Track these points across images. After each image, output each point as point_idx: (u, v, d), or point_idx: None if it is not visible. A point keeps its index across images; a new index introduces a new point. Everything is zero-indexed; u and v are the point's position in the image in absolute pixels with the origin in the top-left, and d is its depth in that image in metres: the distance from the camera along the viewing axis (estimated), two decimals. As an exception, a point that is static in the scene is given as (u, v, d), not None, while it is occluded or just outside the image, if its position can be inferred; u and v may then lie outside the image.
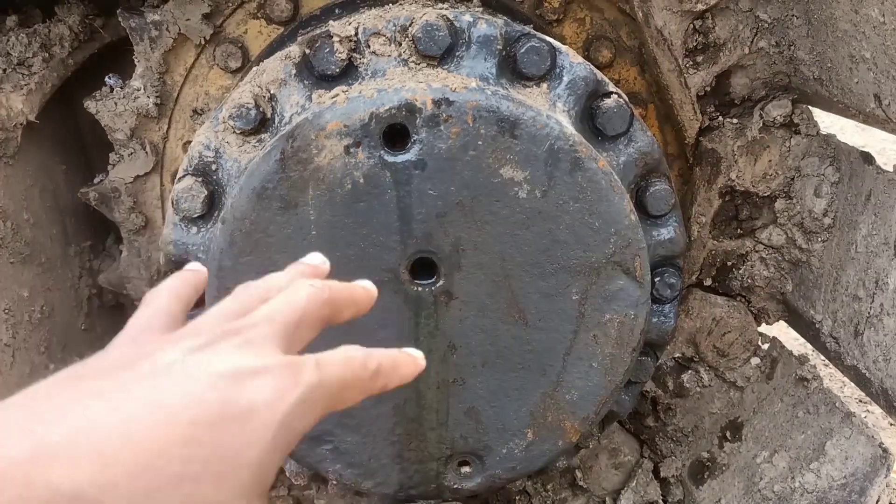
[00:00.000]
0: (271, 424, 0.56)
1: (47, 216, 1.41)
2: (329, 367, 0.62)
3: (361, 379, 0.66)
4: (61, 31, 1.36)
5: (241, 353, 0.58)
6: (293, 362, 0.60)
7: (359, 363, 0.65)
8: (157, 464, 0.50)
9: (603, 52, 1.32)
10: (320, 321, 0.69)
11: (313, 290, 0.68)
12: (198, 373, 0.56)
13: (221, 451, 0.53)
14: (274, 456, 0.57)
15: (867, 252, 1.25)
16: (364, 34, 1.04)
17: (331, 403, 0.63)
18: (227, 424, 0.54)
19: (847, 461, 1.30)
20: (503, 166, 1.02)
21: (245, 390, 0.55)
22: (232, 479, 0.54)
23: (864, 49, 1.08)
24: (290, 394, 0.57)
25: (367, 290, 0.77)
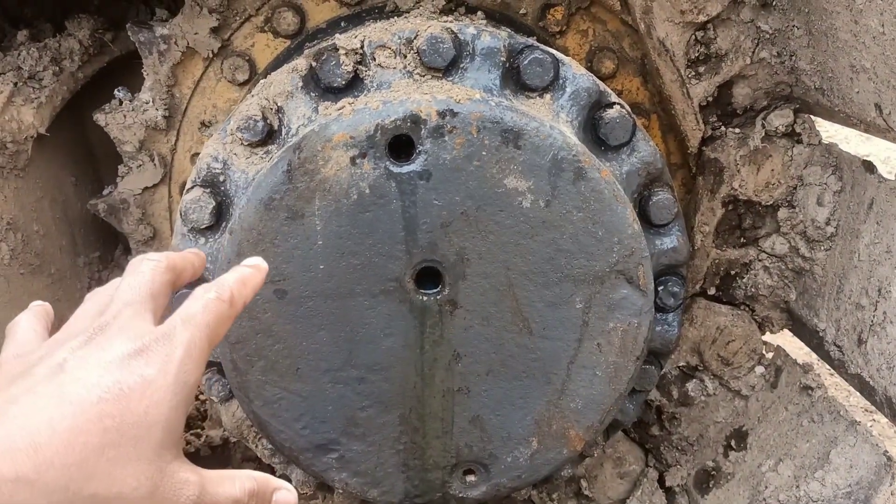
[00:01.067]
0: (167, 386, 0.67)
1: (57, 227, 1.43)
2: (194, 319, 0.73)
3: (223, 312, 0.77)
4: (71, 45, 1.38)
5: (119, 340, 0.68)
6: (165, 331, 0.71)
7: (214, 301, 0.76)
8: (79, 440, 0.61)
9: (606, 64, 1.34)
10: (169, 285, 0.80)
11: (152, 262, 0.80)
12: (89, 364, 0.66)
13: (131, 418, 0.65)
14: (178, 410, 0.69)
15: (870, 260, 1.25)
16: (370, 47, 1.06)
17: (209, 344, 0.74)
18: (128, 397, 0.65)
19: (852, 470, 1.30)
20: (507, 176, 1.03)
21: (134, 369, 0.66)
22: (146, 437, 0.66)
23: (864, 59, 1.09)
24: (172, 357, 0.69)
25: (196, 254, 0.89)
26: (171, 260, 0.82)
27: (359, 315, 1.07)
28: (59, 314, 1.41)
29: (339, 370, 1.10)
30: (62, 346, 0.69)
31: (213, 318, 0.75)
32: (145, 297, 0.75)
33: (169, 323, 0.72)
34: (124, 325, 0.70)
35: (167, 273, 0.80)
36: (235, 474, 0.77)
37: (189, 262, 0.86)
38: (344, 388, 1.11)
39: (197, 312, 0.74)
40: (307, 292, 1.06)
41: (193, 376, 0.71)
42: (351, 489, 1.18)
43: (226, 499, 0.74)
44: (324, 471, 1.16)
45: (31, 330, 0.79)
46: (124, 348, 0.68)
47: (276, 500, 0.80)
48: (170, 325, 0.72)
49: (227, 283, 0.80)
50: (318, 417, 1.12)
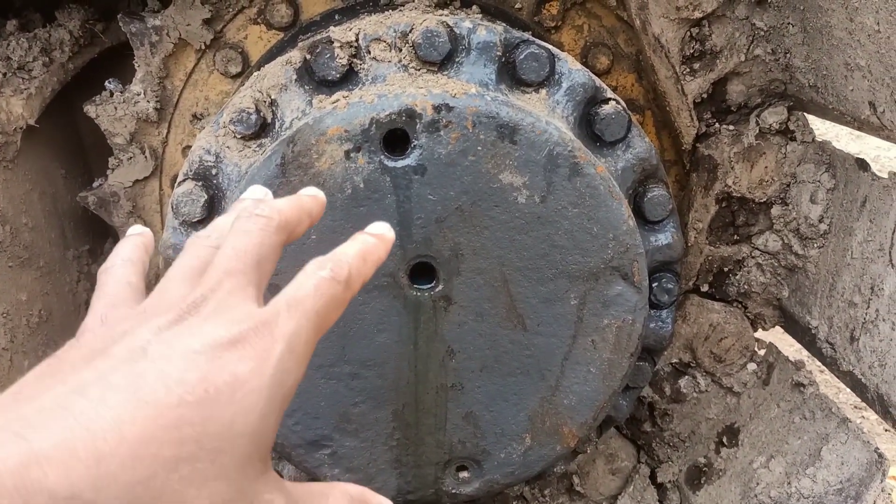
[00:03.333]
0: (261, 389, 0.56)
1: (46, 220, 1.42)
2: (302, 306, 0.61)
3: (337, 295, 0.64)
4: (61, 36, 1.36)
5: (213, 324, 0.57)
6: (266, 319, 0.59)
7: (329, 282, 0.64)
8: (149, 451, 0.50)
9: (601, 59, 1.33)
10: (279, 247, 0.68)
11: (263, 219, 0.67)
12: (173, 353, 0.54)
13: (213, 427, 0.53)
14: (270, 419, 0.57)
15: (863, 258, 1.26)
16: (365, 40, 1.05)
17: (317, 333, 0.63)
18: (213, 400, 0.53)
19: (843, 466, 1.30)
20: (502, 172, 1.02)
21: (225, 363, 0.55)
22: (229, 451, 0.54)
23: (859, 57, 1.09)
24: (271, 354, 0.57)
25: (314, 198, 0.75)
26: (285, 215, 0.69)
27: (352, 310, 1.07)
28: (48, 308, 1.41)
29: (331, 366, 1.09)
30: (148, 323, 0.58)
31: (324, 302, 0.63)
32: (250, 266, 0.63)
33: (272, 307, 0.61)
34: (221, 303, 0.59)
35: (279, 233, 0.67)
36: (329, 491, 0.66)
37: (306, 212, 0.72)
38: (337, 383, 1.10)
39: (307, 296, 0.62)
40: (300, 287, 1.05)
41: (293, 376, 0.59)
42: (343, 485, 1.18)
43: None
44: (316, 467, 1.15)
45: (124, 283, 0.68)
46: (217, 335, 0.56)
47: None
48: (273, 309, 0.60)
49: (346, 259, 0.67)
50: (310, 413, 1.12)
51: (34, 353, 1.37)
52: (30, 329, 1.35)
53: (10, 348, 1.31)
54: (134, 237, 0.75)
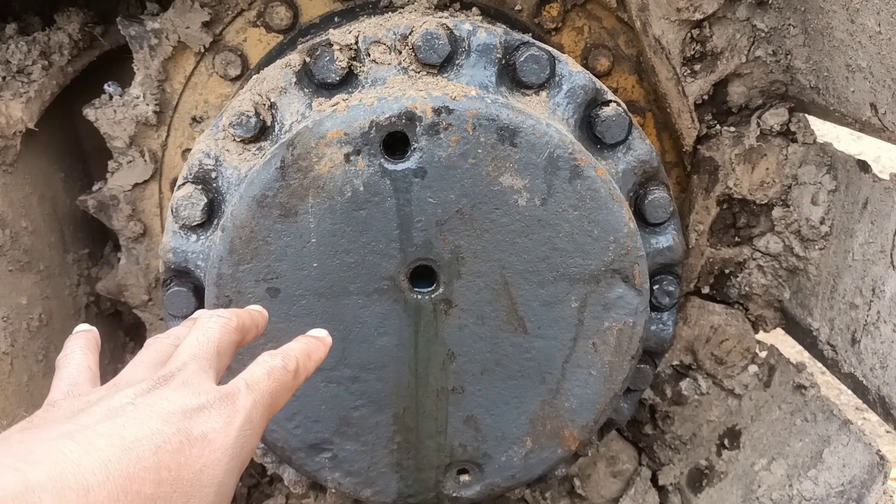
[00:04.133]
0: (226, 447, 0.65)
1: (46, 224, 1.41)
2: (258, 386, 0.72)
3: (287, 382, 0.76)
4: (61, 39, 1.36)
5: (182, 394, 0.67)
6: (228, 393, 0.69)
7: (279, 370, 0.76)
8: (132, 488, 0.58)
9: (601, 61, 1.33)
10: (235, 345, 0.79)
11: (222, 320, 0.79)
12: (150, 411, 0.64)
13: (186, 473, 0.62)
14: (232, 475, 0.66)
15: (864, 260, 1.25)
16: (364, 42, 1.04)
17: (269, 412, 0.73)
18: (187, 451, 0.62)
19: (844, 469, 1.30)
20: (503, 174, 1.02)
21: (196, 422, 0.65)
22: (198, 496, 0.63)
23: (860, 58, 1.09)
24: (234, 420, 0.67)
25: (260, 312, 0.89)
26: (241, 320, 0.81)
27: (353, 314, 1.06)
28: (49, 311, 1.40)
29: (332, 369, 1.09)
30: (121, 392, 0.66)
31: (276, 386, 0.74)
32: (211, 355, 0.74)
33: (233, 385, 0.71)
34: (188, 379, 0.69)
35: (235, 333, 0.79)
36: None
37: (254, 323, 0.85)
38: (337, 387, 1.10)
39: (261, 379, 0.73)
40: (300, 291, 1.05)
41: (251, 443, 0.69)
42: (344, 489, 1.17)
43: None
44: (317, 470, 1.15)
45: (84, 367, 0.76)
46: (187, 402, 0.66)
47: None
48: (234, 386, 0.71)
49: (294, 353, 0.79)
50: (310, 417, 1.11)
51: (34, 357, 1.36)
52: (30, 333, 1.35)
53: (11, 352, 1.30)
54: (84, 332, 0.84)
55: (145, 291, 1.43)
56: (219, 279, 1.04)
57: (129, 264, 1.42)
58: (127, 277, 1.42)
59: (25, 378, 1.34)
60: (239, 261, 1.03)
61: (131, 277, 1.42)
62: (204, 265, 1.06)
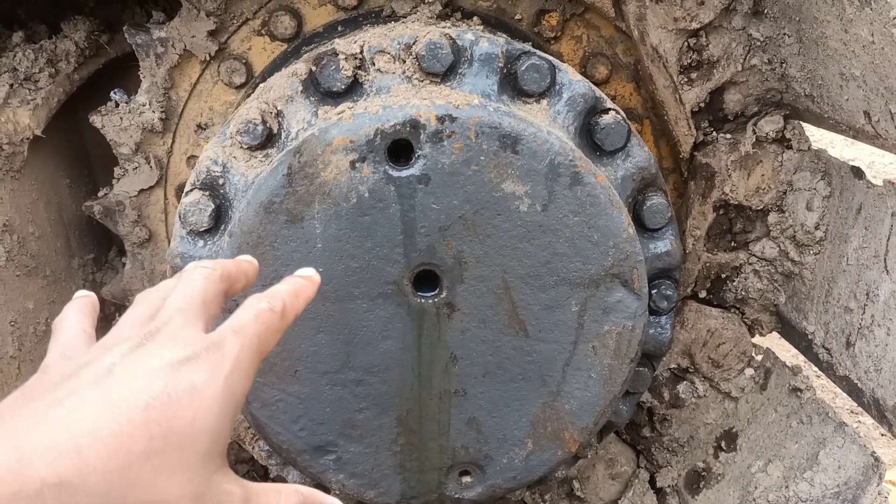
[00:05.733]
0: (215, 396, 0.66)
1: (52, 229, 1.43)
2: (245, 330, 0.72)
3: (274, 323, 0.76)
4: (67, 47, 1.38)
5: (169, 347, 0.67)
6: (214, 340, 0.70)
7: (266, 312, 0.76)
8: (124, 446, 0.59)
9: (600, 69, 1.35)
10: (222, 294, 0.79)
11: (206, 270, 0.79)
12: (137, 369, 0.65)
13: (177, 425, 0.63)
14: (225, 422, 0.67)
15: (858, 264, 1.27)
16: (369, 52, 1.07)
17: (258, 355, 0.74)
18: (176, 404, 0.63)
19: (840, 470, 1.32)
20: (505, 181, 1.04)
21: (184, 374, 0.65)
22: (192, 446, 0.64)
23: (853, 67, 1.12)
24: (221, 367, 0.68)
25: (250, 263, 0.88)
26: (225, 269, 0.81)
27: (357, 318, 1.08)
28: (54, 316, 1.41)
29: (337, 372, 1.11)
30: (110, 352, 0.67)
31: (263, 329, 0.75)
32: (197, 306, 0.74)
33: (219, 332, 0.72)
34: (174, 332, 0.70)
35: (220, 282, 0.79)
36: (281, 488, 0.75)
37: (242, 272, 0.85)
38: (342, 390, 1.12)
39: (248, 323, 0.74)
40: (306, 295, 1.06)
41: (242, 387, 0.70)
42: (348, 490, 1.19)
43: None
44: (321, 472, 1.17)
45: (78, 329, 0.77)
46: (173, 355, 0.66)
47: None
48: (220, 334, 0.71)
49: (280, 294, 0.80)
50: (315, 419, 1.13)
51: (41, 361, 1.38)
52: (37, 337, 1.37)
53: (18, 356, 1.32)
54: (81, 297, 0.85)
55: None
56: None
57: (133, 269, 1.43)
58: (132, 282, 1.44)
59: (32, 382, 1.35)
60: (246, 266, 1.05)
61: (136, 282, 1.44)
62: (211, 270, 1.08)
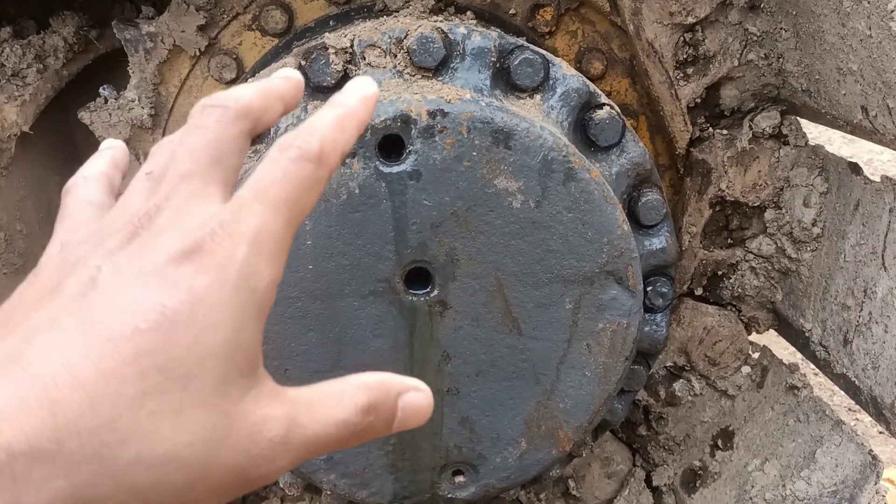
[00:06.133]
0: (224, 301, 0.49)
1: (41, 227, 1.41)
2: (267, 196, 0.52)
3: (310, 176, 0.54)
4: (56, 43, 1.36)
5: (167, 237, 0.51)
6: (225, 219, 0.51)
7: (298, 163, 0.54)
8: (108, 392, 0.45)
9: (595, 64, 1.34)
10: (242, 138, 0.58)
11: (217, 110, 0.57)
12: (123, 279, 0.49)
13: (176, 352, 0.47)
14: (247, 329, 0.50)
15: (855, 261, 1.26)
16: (359, 46, 1.05)
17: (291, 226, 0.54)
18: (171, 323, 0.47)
19: (837, 469, 1.31)
20: (497, 177, 1.03)
21: (180, 279, 0.48)
22: (200, 374, 0.48)
23: (851, 61, 1.10)
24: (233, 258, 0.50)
25: (287, 79, 0.64)
26: (243, 102, 0.58)
27: (348, 316, 1.07)
28: (43, 314, 1.40)
29: (327, 371, 1.09)
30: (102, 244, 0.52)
31: (294, 187, 0.53)
32: (206, 165, 0.55)
33: (233, 203, 0.52)
34: (178, 211, 0.52)
35: (237, 122, 0.57)
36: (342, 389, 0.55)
37: (275, 96, 0.61)
38: (333, 389, 1.10)
39: (272, 182, 0.53)
40: (296, 293, 1.05)
41: (266, 278, 0.51)
42: (339, 490, 1.18)
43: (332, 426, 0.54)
44: (312, 472, 1.15)
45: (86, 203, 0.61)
46: (170, 249, 0.49)
47: (405, 406, 0.57)
48: (234, 206, 0.52)
49: (316, 132, 0.56)
50: (306, 419, 1.11)
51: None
52: (24, 336, 1.35)
53: (5, 355, 1.30)
54: (103, 151, 0.68)
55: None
56: (215, 282, 1.04)
57: (124, 267, 1.42)
58: (122, 280, 1.43)
59: (20, 381, 1.34)
60: (235, 263, 1.04)
61: (126, 280, 1.42)
62: (200, 268, 1.07)
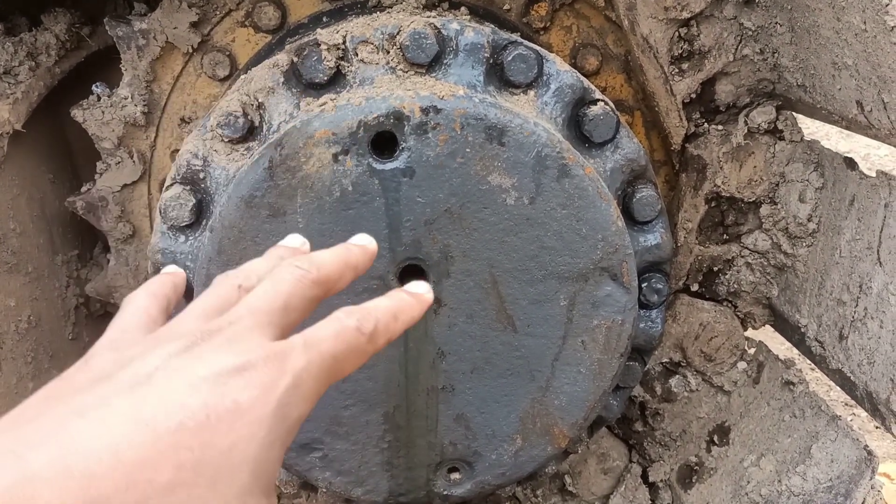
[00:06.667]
0: (262, 419, 0.55)
1: (34, 225, 1.41)
2: (319, 346, 0.60)
3: (358, 346, 0.64)
4: (48, 40, 1.36)
5: (224, 353, 0.57)
6: (278, 352, 0.58)
7: (352, 332, 0.63)
8: (145, 476, 0.49)
9: (590, 60, 1.33)
10: (312, 300, 0.67)
11: (299, 272, 0.66)
12: (178, 379, 0.54)
13: (211, 453, 0.52)
14: (273, 450, 0.56)
15: (851, 256, 1.26)
16: (352, 42, 1.04)
17: (329, 378, 0.61)
18: (213, 426, 0.53)
19: (833, 464, 1.31)
20: (491, 173, 1.02)
21: (229, 391, 0.54)
22: (228, 479, 0.53)
23: (846, 56, 1.10)
24: (277, 385, 0.56)
25: (364, 249, 0.74)
26: (325, 270, 0.68)
27: (342, 313, 1.06)
28: (37, 313, 1.40)
29: (322, 369, 1.09)
30: (159, 348, 0.58)
31: (343, 350, 0.62)
32: (276, 310, 0.62)
33: (288, 341, 0.60)
34: (237, 335, 0.59)
35: (314, 288, 0.67)
36: None
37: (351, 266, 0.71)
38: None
39: (326, 338, 0.61)
40: (289, 290, 1.05)
41: (297, 412, 0.58)
42: (335, 488, 1.17)
43: None
44: (307, 470, 1.15)
45: (142, 312, 0.67)
46: (224, 364, 0.56)
47: None
48: (288, 344, 0.59)
49: (375, 314, 0.66)
50: (301, 417, 1.11)
51: (23, 359, 1.36)
52: (18, 335, 1.35)
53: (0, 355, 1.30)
54: (166, 274, 0.77)
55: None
56: (207, 280, 1.04)
57: (118, 266, 1.41)
58: (116, 279, 1.42)
59: (14, 380, 1.33)
60: (228, 261, 1.03)
61: (121, 279, 1.42)
62: (193, 266, 1.06)
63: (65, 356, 1.46)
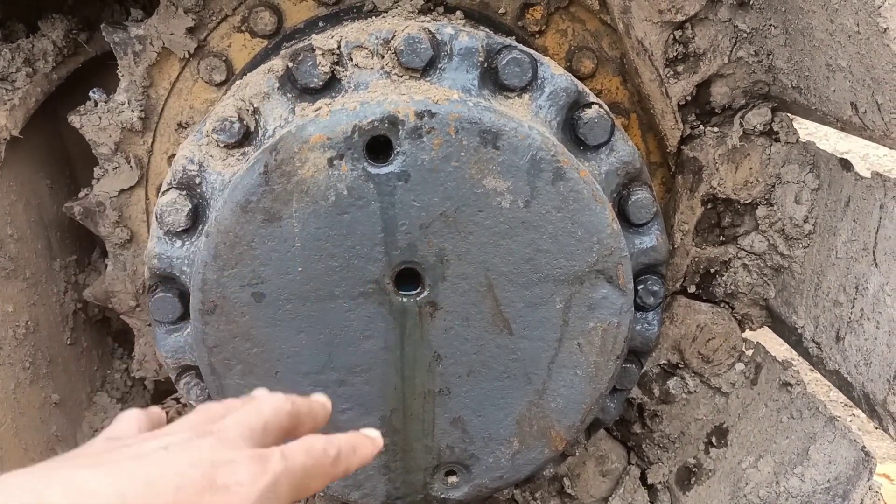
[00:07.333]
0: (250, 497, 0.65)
1: (32, 231, 1.41)
2: (294, 458, 0.71)
3: (324, 465, 0.75)
4: (45, 46, 1.36)
5: (216, 447, 0.68)
6: (261, 454, 0.69)
7: (320, 451, 0.75)
8: None
9: (585, 63, 1.34)
10: (282, 431, 0.78)
11: (277, 402, 0.79)
12: (182, 456, 0.65)
13: None
14: None
15: (847, 257, 1.26)
16: (347, 47, 1.05)
17: (297, 490, 0.72)
18: (208, 497, 0.62)
19: (830, 465, 1.31)
20: (486, 177, 1.03)
21: (223, 472, 0.65)
22: None
23: (840, 58, 1.10)
24: (260, 479, 0.67)
25: (323, 405, 0.87)
26: (297, 407, 0.80)
27: (338, 317, 1.07)
28: (35, 319, 1.40)
29: (318, 373, 1.09)
30: (157, 439, 0.68)
31: (311, 465, 0.73)
32: (257, 428, 0.74)
33: (269, 450, 0.71)
34: (227, 438, 0.70)
35: (287, 418, 0.79)
36: None
37: (313, 416, 0.84)
38: (324, 390, 1.10)
39: (298, 453, 0.72)
40: (285, 295, 1.05)
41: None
42: (332, 492, 1.18)
43: None
44: (304, 474, 1.15)
45: (133, 421, 0.78)
46: (218, 455, 0.66)
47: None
48: (269, 451, 0.71)
49: (338, 442, 0.78)
50: (298, 420, 1.11)
51: (21, 365, 1.36)
52: (16, 340, 1.35)
53: (-3, 360, 1.30)
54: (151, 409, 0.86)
55: (133, 297, 1.43)
56: (203, 284, 1.04)
57: (116, 270, 1.42)
58: (114, 284, 1.42)
59: (12, 385, 1.34)
60: (223, 266, 1.04)
61: (118, 284, 1.42)
62: (189, 271, 1.07)
63: (63, 361, 1.46)
